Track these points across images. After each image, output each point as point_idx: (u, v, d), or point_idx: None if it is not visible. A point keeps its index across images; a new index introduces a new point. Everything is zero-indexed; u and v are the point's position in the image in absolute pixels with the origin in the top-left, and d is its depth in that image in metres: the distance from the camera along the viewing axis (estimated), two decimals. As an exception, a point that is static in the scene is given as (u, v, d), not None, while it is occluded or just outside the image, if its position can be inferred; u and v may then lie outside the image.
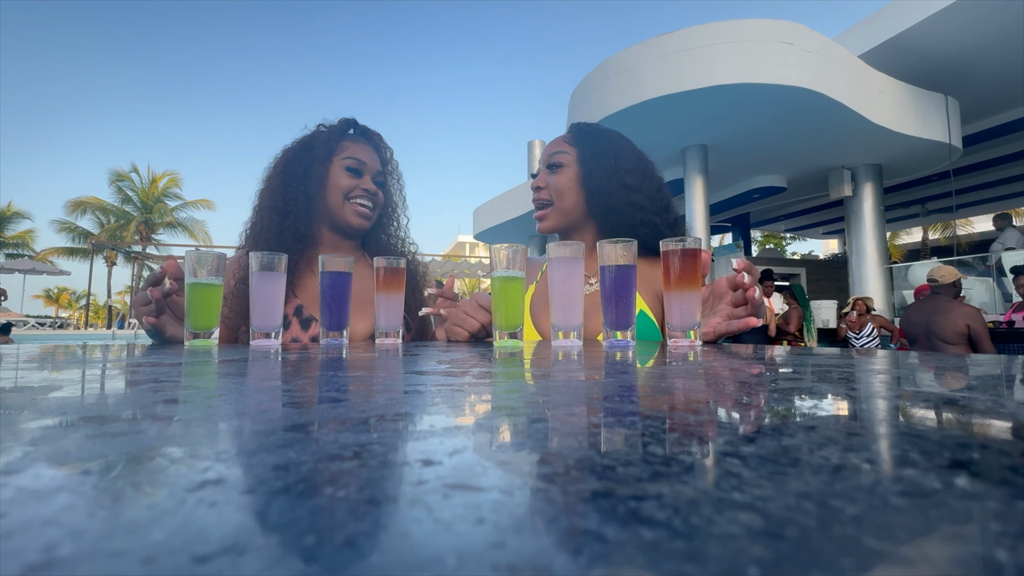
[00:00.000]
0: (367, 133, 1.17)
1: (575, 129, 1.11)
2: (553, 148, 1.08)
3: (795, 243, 22.85)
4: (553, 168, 1.06)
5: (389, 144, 1.20)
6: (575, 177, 1.05)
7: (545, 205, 1.07)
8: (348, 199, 1.08)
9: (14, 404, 0.25)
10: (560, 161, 1.06)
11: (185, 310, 0.76)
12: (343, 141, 1.11)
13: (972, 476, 0.13)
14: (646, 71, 5.39)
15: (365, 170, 1.10)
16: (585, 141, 1.07)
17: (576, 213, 1.06)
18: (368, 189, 1.09)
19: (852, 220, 7.16)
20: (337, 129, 1.13)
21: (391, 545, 0.09)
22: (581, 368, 0.42)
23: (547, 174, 1.07)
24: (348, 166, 1.08)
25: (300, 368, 0.43)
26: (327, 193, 1.08)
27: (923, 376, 0.38)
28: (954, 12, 5.14)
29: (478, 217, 12.70)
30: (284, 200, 1.05)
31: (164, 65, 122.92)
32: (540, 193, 1.07)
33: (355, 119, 1.18)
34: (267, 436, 0.18)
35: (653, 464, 0.14)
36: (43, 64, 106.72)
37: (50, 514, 0.11)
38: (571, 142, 1.08)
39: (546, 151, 1.10)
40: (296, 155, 1.10)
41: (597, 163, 1.04)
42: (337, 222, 1.10)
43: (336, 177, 1.08)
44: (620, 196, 1.03)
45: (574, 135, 1.09)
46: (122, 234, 22.54)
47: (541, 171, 1.09)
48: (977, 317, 3.19)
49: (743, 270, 0.76)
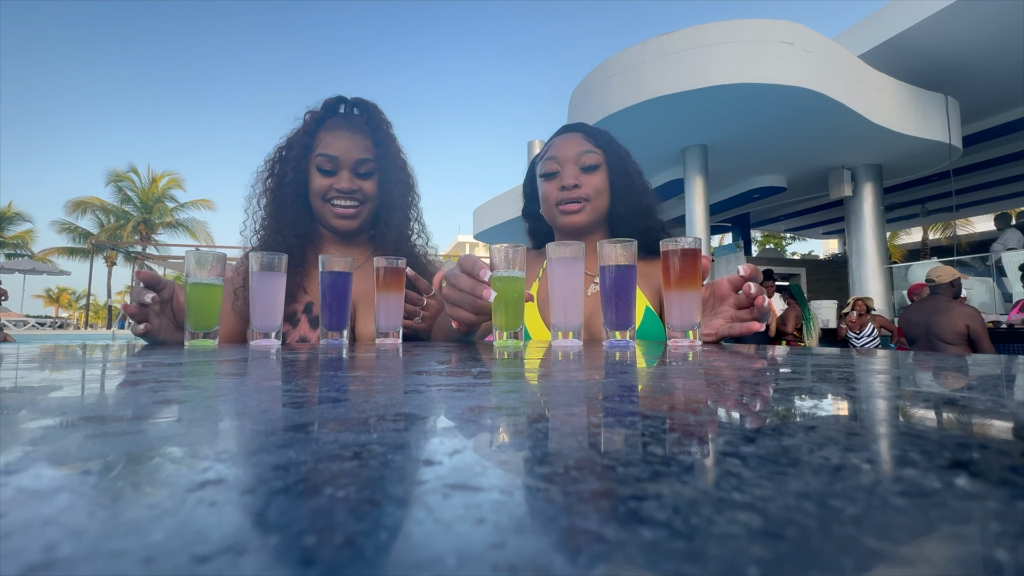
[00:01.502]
0: (349, 115, 1.07)
1: (589, 132, 1.08)
2: (579, 147, 1.04)
3: (795, 243, 22.85)
4: (588, 169, 1.03)
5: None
6: (606, 180, 1.04)
7: (580, 200, 1.02)
8: (325, 201, 1.01)
9: (14, 404, 0.25)
10: (593, 162, 1.03)
11: (185, 311, 0.76)
12: (319, 133, 1.02)
13: (972, 476, 0.13)
14: (646, 71, 5.39)
15: (339, 165, 1.00)
16: (608, 144, 1.06)
17: (602, 215, 1.05)
18: (343, 188, 1.00)
19: (852, 220, 7.16)
20: (315, 119, 1.04)
21: (391, 545, 0.09)
22: (580, 368, 0.42)
23: (581, 173, 1.03)
24: (319, 165, 1.00)
25: (299, 369, 0.43)
26: (310, 195, 1.02)
27: (923, 376, 0.38)
28: (954, 12, 5.14)
29: (478, 217, 12.70)
30: (277, 203, 1.01)
31: (165, 65, 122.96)
32: (576, 191, 1.02)
33: (341, 97, 1.07)
34: (267, 436, 0.18)
35: (653, 464, 0.14)
36: (43, 64, 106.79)
37: (50, 514, 0.11)
38: (595, 144, 1.05)
39: (567, 148, 1.05)
40: (282, 156, 1.04)
41: (623, 168, 1.04)
42: (326, 226, 1.05)
43: (312, 178, 1.01)
44: (640, 200, 1.03)
45: (594, 137, 1.06)
46: (121, 234, 22.54)
47: (568, 169, 1.04)
48: (977, 317, 3.19)
49: (750, 277, 0.76)
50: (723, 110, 5.55)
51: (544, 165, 1.06)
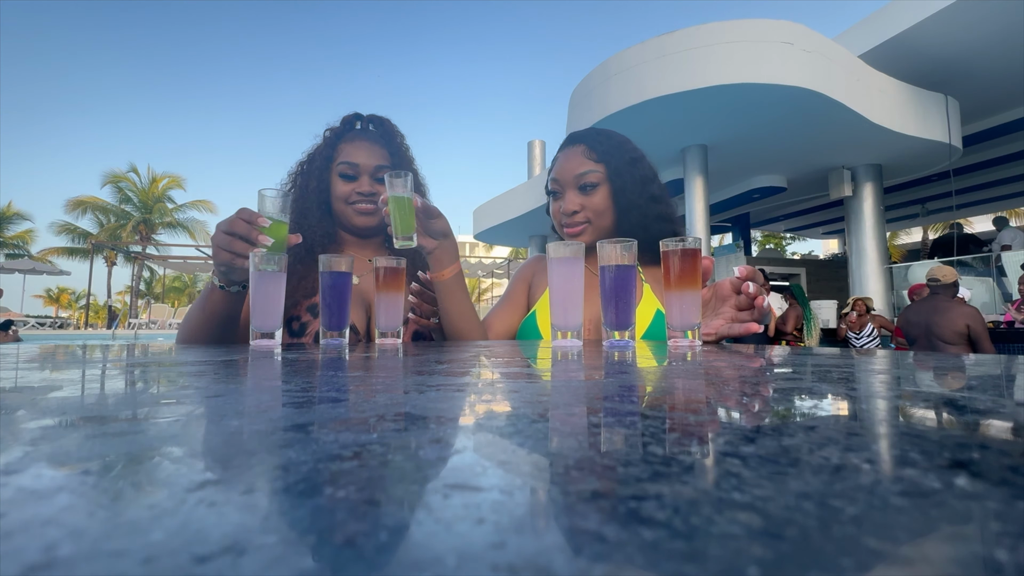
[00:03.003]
0: (365, 129, 1.17)
1: (592, 142, 1.05)
2: (578, 167, 1.03)
3: (795, 243, 22.85)
4: (586, 189, 1.02)
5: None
6: (608, 195, 1.02)
7: (580, 224, 1.03)
8: (348, 204, 1.10)
9: (14, 404, 0.25)
10: (592, 181, 1.02)
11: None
12: (340, 144, 1.12)
13: (972, 476, 0.13)
14: (646, 71, 5.38)
15: (360, 171, 1.09)
16: (611, 155, 1.03)
17: (608, 231, 1.04)
18: (363, 192, 1.09)
19: (852, 220, 7.16)
20: (336, 133, 1.14)
21: (391, 545, 0.09)
22: (580, 368, 0.42)
23: (579, 195, 1.02)
24: (342, 172, 1.10)
25: (298, 369, 0.43)
26: (333, 202, 1.12)
27: (923, 376, 0.38)
28: (954, 12, 5.13)
29: (478, 217, 12.69)
30: (302, 209, 1.09)
31: (165, 65, 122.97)
32: (576, 216, 1.02)
33: (357, 114, 1.17)
34: (267, 436, 0.18)
35: (653, 464, 0.14)
36: (44, 64, 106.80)
37: (50, 514, 0.11)
38: (596, 158, 1.03)
39: (566, 169, 1.04)
40: (305, 168, 1.13)
41: (628, 178, 1.02)
42: (347, 227, 1.13)
43: (335, 186, 1.10)
44: (650, 209, 1.02)
45: (596, 150, 1.04)
46: (121, 234, 22.53)
47: (568, 194, 1.03)
48: (977, 317, 3.19)
49: (747, 278, 0.76)
50: (723, 110, 5.54)
51: (550, 183, 1.08)
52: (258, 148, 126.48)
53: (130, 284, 21.60)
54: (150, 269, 27.15)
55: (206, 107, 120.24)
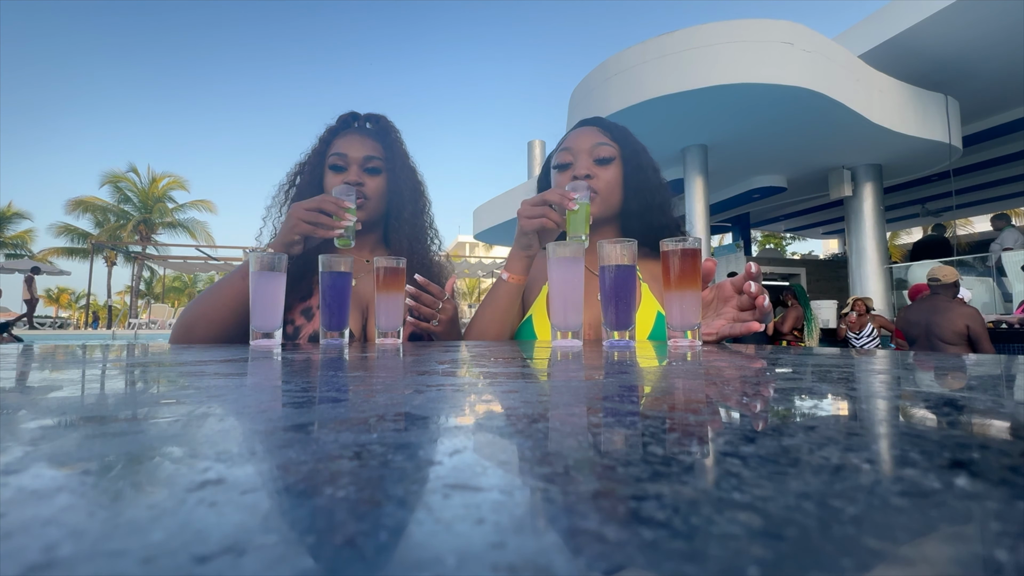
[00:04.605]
0: (361, 126, 1.16)
1: (606, 126, 1.06)
2: (593, 139, 1.03)
3: (795, 243, 22.84)
4: (602, 161, 1.02)
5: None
6: (619, 174, 1.03)
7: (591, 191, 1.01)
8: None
9: (14, 404, 0.25)
10: (607, 155, 1.01)
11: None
12: (334, 140, 1.11)
13: (972, 476, 0.13)
14: (646, 71, 5.38)
15: (348, 162, 1.08)
16: (624, 139, 1.04)
17: (613, 211, 1.04)
18: (350, 181, 1.07)
19: (852, 220, 7.16)
20: (331, 131, 1.13)
21: (391, 545, 0.09)
22: (580, 368, 0.42)
23: (594, 165, 1.02)
24: (332, 163, 1.08)
25: (298, 369, 0.43)
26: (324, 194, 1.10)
27: (923, 376, 0.38)
28: (954, 12, 5.13)
29: (478, 217, 12.68)
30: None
31: (165, 66, 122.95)
32: (588, 182, 1.00)
33: (354, 113, 1.16)
34: (267, 436, 0.18)
35: (653, 464, 0.14)
36: (44, 64, 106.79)
37: (50, 514, 0.11)
38: (611, 137, 1.04)
39: (581, 140, 1.04)
40: (301, 169, 1.13)
41: (639, 162, 1.03)
42: None
43: (326, 179, 1.10)
44: (654, 198, 1.02)
45: (611, 132, 1.05)
46: (121, 234, 22.52)
47: (582, 159, 1.02)
48: (976, 317, 3.19)
49: (756, 274, 0.76)
50: (723, 110, 5.54)
51: (558, 156, 1.06)
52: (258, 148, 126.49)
53: (130, 284, 21.58)
54: (150, 269, 27.14)
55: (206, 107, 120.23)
